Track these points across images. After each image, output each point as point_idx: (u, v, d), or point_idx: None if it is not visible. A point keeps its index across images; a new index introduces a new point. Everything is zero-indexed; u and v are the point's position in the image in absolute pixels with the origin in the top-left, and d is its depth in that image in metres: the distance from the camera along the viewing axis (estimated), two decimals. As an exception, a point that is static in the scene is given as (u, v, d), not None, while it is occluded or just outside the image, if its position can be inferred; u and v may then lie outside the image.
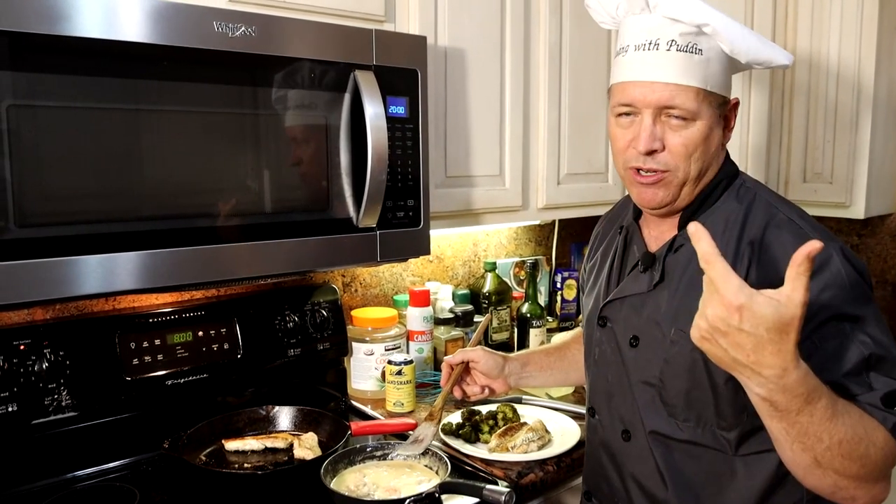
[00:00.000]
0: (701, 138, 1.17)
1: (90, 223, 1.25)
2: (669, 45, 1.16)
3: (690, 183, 1.21)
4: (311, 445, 1.60)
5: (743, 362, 0.92)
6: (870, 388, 1.04)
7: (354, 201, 1.56)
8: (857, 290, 1.09)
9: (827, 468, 0.98)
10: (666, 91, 1.16)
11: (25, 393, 1.47)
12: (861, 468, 0.98)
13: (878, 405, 1.02)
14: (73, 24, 1.18)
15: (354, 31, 1.54)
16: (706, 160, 1.20)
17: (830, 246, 1.10)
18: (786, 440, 0.98)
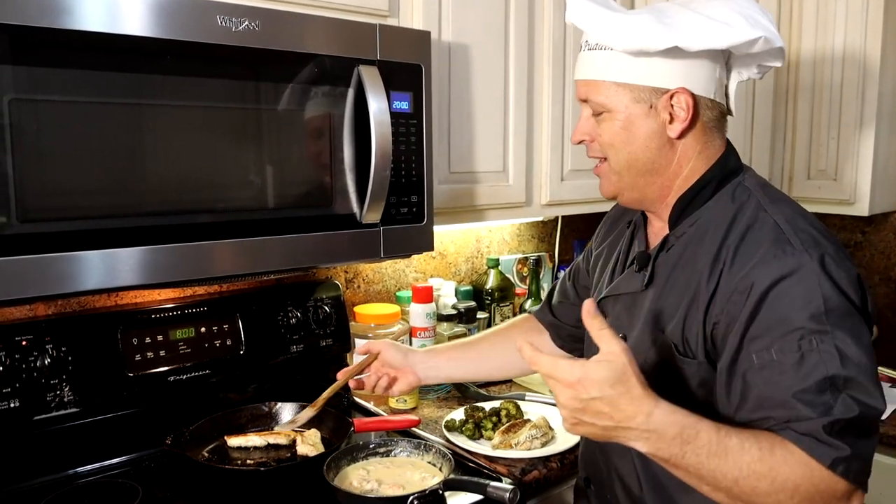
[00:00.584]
0: (618, 129, 1.19)
1: (92, 218, 1.24)
2: (584, 45, 1.22)
3: (627, 174, 1.22)
4: (313, 442, 1.60)
5: (612, 426, 0.99)
6: (826, 411, 0.98)
7: (358, 197, 1.56)
8: (832, 302, 1.03)
9: (746, 502, 0.99)
10: (582, 87, 1.23)
11: (27, 389, 1.47)
12: (790, 497, 0.97)
13: (820, 435, 0.98)
14: (75, 18, 1.17)
15: (358, 26, 1.53)
16: (632, 153, 1.20)
17: (809, 255, 1.06)
18: (697, 486, 1.01)
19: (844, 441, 0.97)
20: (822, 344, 1.00)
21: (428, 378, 1.61)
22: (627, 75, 1.17)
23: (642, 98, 1.17)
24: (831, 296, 1.03)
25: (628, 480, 1.29)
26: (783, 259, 1.06)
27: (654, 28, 1.12)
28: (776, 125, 2.37)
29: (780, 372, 1.02)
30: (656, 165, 1.21)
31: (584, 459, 1.46)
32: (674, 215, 1.23)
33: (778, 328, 1.03)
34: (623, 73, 1.17)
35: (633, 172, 1.21)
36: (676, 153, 1.20)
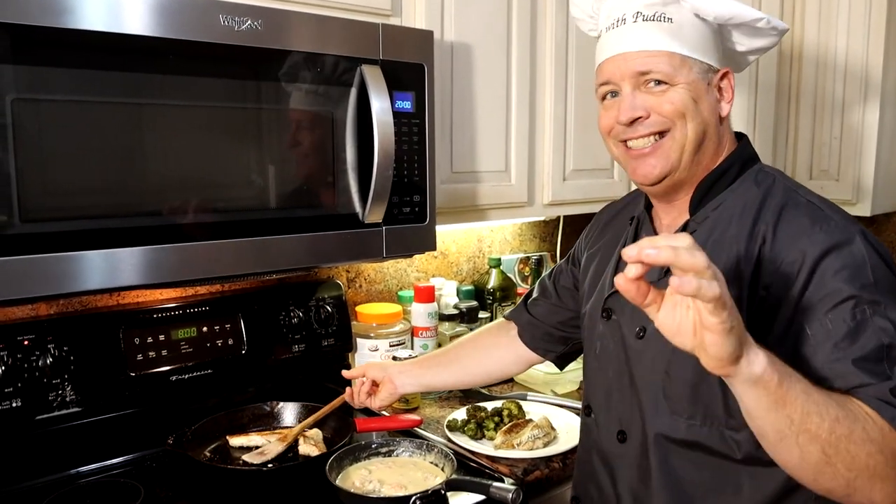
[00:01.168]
0: (689, 98, 1.14)
1: (94, 218, 1.24)
2: (636, 17, 1.16)
3: (689, 148, 1.16)
4: (316, 442, 1.60)
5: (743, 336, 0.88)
6: (886, 377, 0.95)
7: (360, 197, 1.55)
8: (879, 272, 1.02)
9: (836, 462, 0.90)
10: (638, 59, 1.15)
11: (29, 388, 1.47)
12: (868, 457, 0.90)
13: (888, 398, 0.93)
14: (77, 17, 1.17)
15: (361, 26, 1.52)
16: (701, 122, 1.15)
17: (852, 228, 1.06)
18: (790, 430, 0.90)
19: None
20: (874, 315, 0.99)
21: (404, 386, 1.58)
22: (694, 49, 1.15)
23: (704, 73, 1.16)
24: (878, 266, 1.03)
25: (642, 493, 1.22)
26: (829, 232, 1.05)
27: (733, 2, 1.14)
28: (778, 124, 2.37)
29: (834, 343, 0.99)
30: (712, 143, 1.18)
31: (577, 478, 1.42)
32: (695, 200, 1.20)
33: (830, 298, 1.01)
34: (689, 47, 1.14)
35: (695, 148, 1.16)
36: (723, 133, 1.20)
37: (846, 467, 0.90)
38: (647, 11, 1.15)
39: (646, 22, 1.15)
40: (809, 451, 0.90)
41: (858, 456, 0.89)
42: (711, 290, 0.79)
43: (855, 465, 0.90)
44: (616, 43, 1.18)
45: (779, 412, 0.89)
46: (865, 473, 0.90)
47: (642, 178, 1.20)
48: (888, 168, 2.33)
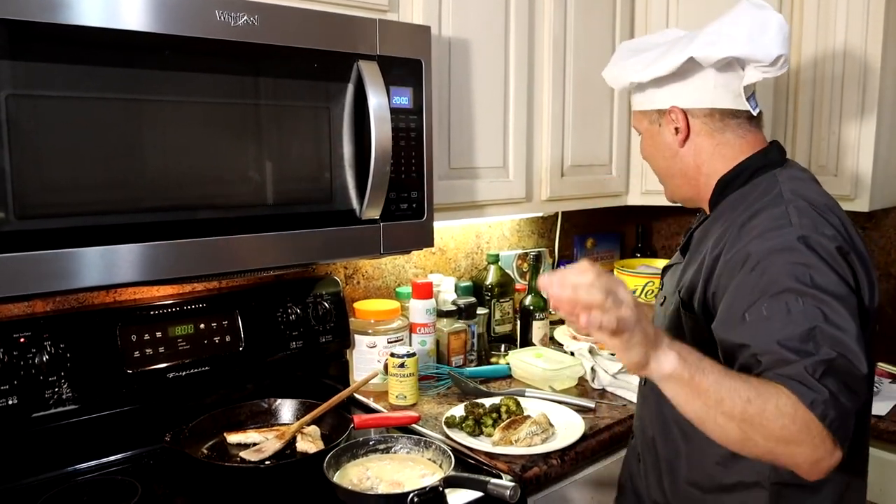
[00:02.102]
0: (645, 146, 1.49)
1: (91, 215, 1.23)
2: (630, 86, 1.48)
3: (667, 179, 1.48)
4: (313, 439, 1.59)
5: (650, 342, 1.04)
6: (807, 355, 1.05)
7: (357, 193, 1.55)
8: (819, 275, 1.11)
9: (753, 435, 1.03)
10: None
11: (26, 386, 1.46)
12: (782, 429, 1.01)
13: (802, 377, 1.03)
14: (73, 13, 1.17)
15: (358, 21, 1.52)
16: (658, 162, 1.47)
17: (804, 235, 1.16)
18: (706, 414, 1.05)
19: (824, 385, 1.02)
20: (807, 304, 1.09)
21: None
22: (640, 104, 1.46)
23: (653, 119, 1.44)
24: (821, 270, 1.12)
25: (646, 423, 1.48)
26: (780, 236, 1.17)
27: (670, 55, 1.35)
28: (777, 120, 2.36)
29: (767, 325, 1.10)
30: (677, 169, 1.44)
31: (634, 418, 1.63)
32: (712, 200, 1.41)
33: (768, 290, 1.12)
34: (640, 103, 1.46)
35: (667, 177, 1.48)
36: (690, 156, 1.41)
37: (763, 437, 1.03)
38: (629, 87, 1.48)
39: (633, 93, 1.49)
40: (728, 428, 1.04)
41: (772, 428, 1.01)
42: (607, 322, 0.98)
43: (771, 436, 1.02)
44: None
45: (694, 401, 1.05)
46: (782, 441, 1.02)
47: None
48: (886, 164, 2.33)
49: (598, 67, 2.23)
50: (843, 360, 1.04)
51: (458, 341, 2.18)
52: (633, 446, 1.59)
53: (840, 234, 1.20)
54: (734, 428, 1.03)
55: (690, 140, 1.39)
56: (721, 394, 1.03)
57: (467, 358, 2.21)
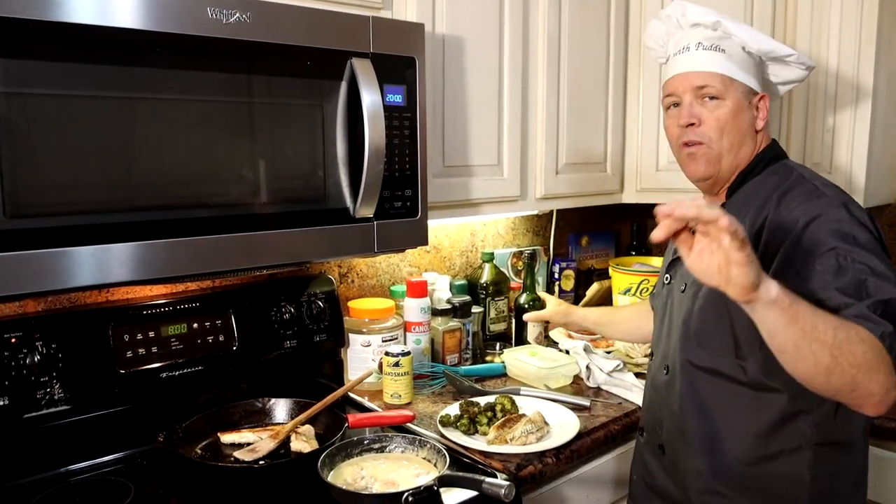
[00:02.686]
0: (730, 115, 1.45)
1: (83, 214, 1.23)
2: (697, 46, 1.49)
3: (727, 155, 1.46)
4: (308, 438, 1.59)
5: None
6: (865, 297, 1.16)
7: (351, 191, 1.54)
8: (859, 233, 1.25)
9: (842, 361, 1.08)
10: (697, 77, 1.47)
11: (17, 386, 1.45)
12: (864, 354, 1.08)
13: (866, 314, 1.14)
14: (64, 10, 1.16)
15: (351, 18, 1.51)
16: (737, 136, 1.46)
17: (839, 202, 1.30)
18: (803, 340, 1.08)
19: (886, 320, 1.13)
20: (854, 260, 1.20)
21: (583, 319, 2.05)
22: (739, 74, 1.47)
23: (746, 94, 1.47)
24: (858, 228, 1.26)
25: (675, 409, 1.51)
26: (818, 204, 1.30)
27: (774, 40, 1.49)
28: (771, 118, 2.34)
29: (822, 277, 1.21)
30: (744, 151, 1.48)
31: (643, 412, 1.70)
32: (732, 188, 1.49)
33: (818, 249, 1.24)
34: (736, 72, 1.47)
35: (732, 153, 1.47)
36: (756, 142, 1.49)
37: (849, 364, 1.08)
38: (706, 42, 1.48)
39: (705, 50, 1.48)
40: (821, 355, 1.08)
41: (856, 353, 1.08)
42: (741, 229, 1.02)
43: (856, 362, 1.08)
44: (682, 64, 1.50)
45: (793, 326, 1.08)
46: (864, 367, 1.08)
47: (691, 174, 1.52)
48: (880, 161, 2.33)
49: (593, 64, 2.24)
50: (895, 303, 1.15)
51: (452, 340, 2.17)
52: (647, 442, 1.63)
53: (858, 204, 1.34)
54: (826, 354, 1.08)
55: (764, 129, 1.50)
56: (815, 321, 1.08)
57: (462, 356, 2.20)
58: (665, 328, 1.60)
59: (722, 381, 1.44)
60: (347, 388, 1.80)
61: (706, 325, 1.45)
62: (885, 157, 2.37)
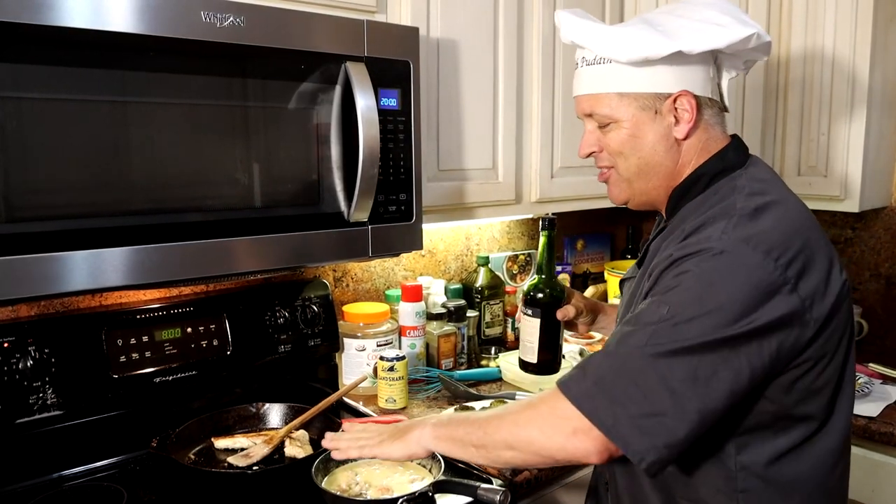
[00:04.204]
0: (626, 137, 1.23)
1: (77, 218, 1.22)
2: (581, 62, 1.28)
3: (636, 180, 1.27)
4: (302, 443, 1.58)
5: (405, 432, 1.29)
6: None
7: (346, 195, 1.54)
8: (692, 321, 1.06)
9: (512, 448, 1.14)
10: (585, 102, 1.28)
11: (9, 392, 1.44)
12: (518, 425, 1.14)
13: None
14: (57, 14, 1.15)
15: (345, 22, 1.51)
16: (643, 154, 1.24)
17: (715, 255, 1.08)
18: (478, 455, 1.20)
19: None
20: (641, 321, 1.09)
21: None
22: (630, 85, 1.22)
23: (647, 105, 1.22)
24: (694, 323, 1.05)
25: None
26: (704, 240, 1.10)
27: (654, 37, 1.17)
28: (766, 121, 2.36)
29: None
30: (663, 168, 1.25)
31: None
32: (668, 208, 1.28)
33: (641, 319, 1.09)
34: (626, 84, 1.22)
35: (643, 177, 1.26)
36: (681, 153, 1.25)
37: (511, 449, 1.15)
38: (589, 56, 1.26)
39: (589, 66, 1.26)
40: (496, 453, 1.17)
41: (516, 431, 1.14)
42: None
43: (517, 441, 1.14)
44: (574, 86, 1.32)
45: (460, 450, 1.22)
46: (527, 437, 1.13)
47: (611, 200, 1.36)
48: (875, 164, 2.33)
49: (587, 68, 2.24)
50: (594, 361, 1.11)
51: (447, 344, 2.17)
52: (597, 473, 1.44)
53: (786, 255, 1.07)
54: (491, 451, 1.20)
55: (693, 133, 1.23)
56: (473, 431, 1.21)
57: (457, 361, 2.20)
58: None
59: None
60: (342, 393, 1.79)
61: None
62: (880, 160, 2.37)
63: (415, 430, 1.27)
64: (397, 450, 1.27)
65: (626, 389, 1.04)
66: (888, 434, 1.88)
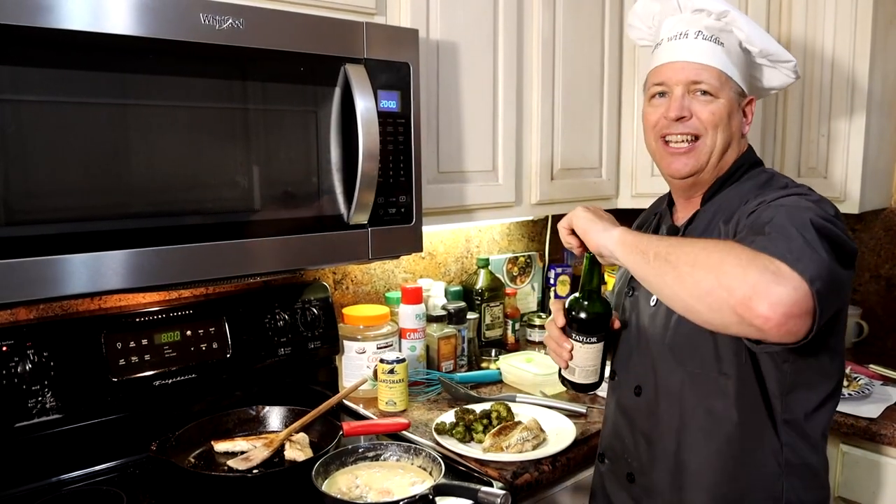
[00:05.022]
0: (725, 113, 1.36)
1: (76, 221, 1.22)
2: (696, 34, 1.37)
3: (716, 154, 1.37)
4: (302, 446, 1.58)
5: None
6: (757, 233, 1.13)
7: (345, 198, 1.54)
8: (807, 208, 1.15)
9: (699, 269, 1.06)
10: (693, 69, 1.36)
11: (8, 395, 1.44)
12: (723, 255, 1.05)
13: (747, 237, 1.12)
14: (56, 16, 1.15)
15: (345, 24, 1.50)
16: (729, 135, 1.37)
17: (803, 190, 1.25)
18: (650, 268, 1.15)
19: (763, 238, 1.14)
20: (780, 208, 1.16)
21: None
22: (735, 72, 1.37)
23: (737, 96, 1.38)
24: (808, 208, 1.15)
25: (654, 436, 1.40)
26: (790, 196, 1.21)
27: (766, 35, 1.39)
28: (766, 122, 2.36)
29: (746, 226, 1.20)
30: (732, 153, 1.39)
31: (604, 436, 1.57)
32: (708, 194, 1.40)
33: (758, 212, 1.19)
34: (734, 71, 1.37)
35: (720, 154, 1.37)
36: (739, 147, 1.41)
37: (707, 268, 1.08)
38: (707, 32, 1.37)
39: (704, 40, 1.37)
40: (676, 272, 1.12)
41: (712, 257, 1.08)
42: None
43: (712, 264, 1.08)
44: (676, 52, 1.39)
45: (642, 258, 1.17)
46: (723, 265, 1.06)
47: (675, 172, 1.40)
48: (875, 165, 2.33)
49: (587, 69, 2.24)
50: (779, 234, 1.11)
51: (448, 346, 2.16)
52: (611, 471, 1.50)
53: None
54: (679, 271, 1.13)
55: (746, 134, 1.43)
56: (669, 248, 1.16)
57: (458, 363, 2.19)
58: (633, 345, 1.46)
59: (704, 400, 1.32)
60: (342, 396, 1.78)
61: (684, 340, 1.33)
62: (880, 161, 2.37)
63: (612, 226, 1.27)
64: (596, 234, 1.28)
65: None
66: (889, 436, 1.88)
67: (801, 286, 0.99)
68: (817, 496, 1.34)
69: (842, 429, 1.95)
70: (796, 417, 1.29)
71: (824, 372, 1.30)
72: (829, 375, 1.31)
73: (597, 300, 1.37)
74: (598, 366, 1.41)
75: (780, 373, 1.27)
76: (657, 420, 1.39)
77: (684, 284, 1.08)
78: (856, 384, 2.08)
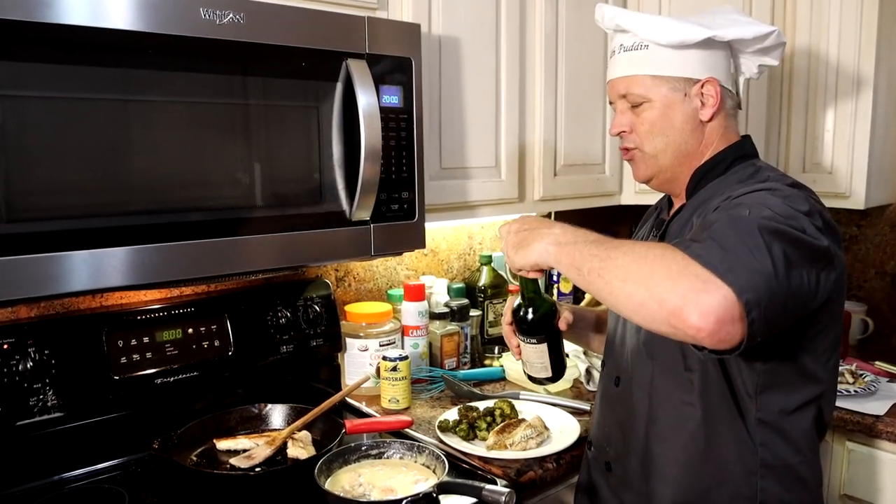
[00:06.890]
0: (658, 115, 1.36)
1: (77, 218, 1.21)
2: (620, 49, 1.41)
3: (667, 156, 1.38)
4: (304, 444, 1.57)
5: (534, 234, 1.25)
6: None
7: (347, 194, 1.53)
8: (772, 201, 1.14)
9: (640, 283, 1.04)
10: (620, 84, 1.40)
11: (9, 394, 1.43)
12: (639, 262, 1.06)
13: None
14: (55, 11, 1.14)
15: (346, 19, 1.49)
16: (671, 133, 1.37)
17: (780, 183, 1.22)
18: (580, 274, 1.13)
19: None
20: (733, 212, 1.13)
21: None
22: (664, 69, 1.35)
23: (677, 87, 1.36)
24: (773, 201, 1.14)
25: (626, 424, 1.43)
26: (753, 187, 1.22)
27: (690, 25, 1.33)
28: (771, 118, 2.35)
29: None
30: (688, 147, 1.38)
31: (592, 424, 1.58)
32: (690, 187, 1.40)
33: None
34: (660, 67, 1.36)
35: (668, 155, 1.38)
36: (705, 135, 1.38)
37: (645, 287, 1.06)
38: (627, 43, 1.39)
39: (626, 52, 1.40)
40: (604, 279, 1.11)
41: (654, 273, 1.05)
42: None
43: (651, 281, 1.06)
44: (609, 71, 1.45)
45: (572, 264, 1.17)
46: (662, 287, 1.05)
47: (635, 178, 1.47)
48: (880, 161, 2.32)
49: (590, 64, 2.23)
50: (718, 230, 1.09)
51: (451, 344, 2.15)
52: (594, 458, 1.52)
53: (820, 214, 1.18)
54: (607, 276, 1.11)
55: (715, 118, 1.37)
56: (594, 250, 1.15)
57: (460, 360, 2.18)
58: (618, 337, 1.49)
59: (672, 394, 1.35)
60: (345, 394, 1.78)
61: (654, 334, 1.27)
62: (885, 157, 2.36)
63: (536, 243, 1.23)
64: (520, 259, 1.25)
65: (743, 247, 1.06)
66: (895, 433, 1.86)
67: (729, 296, 0.99)
68: (801, 499, 1.31)
69: (847, 426, 1.94)
70: (773, 418, 1.28)
71: (804, 373, 1.27)
72: (813, 377, 1.28)
73: (539, 304, 1.42)
74: (546, 363, 1.46)
75: (752, 372, 1.26)
76: (631, 411, 1.42)
77: (618, 299, 1.09)
78: (861, 381, 2.07)
